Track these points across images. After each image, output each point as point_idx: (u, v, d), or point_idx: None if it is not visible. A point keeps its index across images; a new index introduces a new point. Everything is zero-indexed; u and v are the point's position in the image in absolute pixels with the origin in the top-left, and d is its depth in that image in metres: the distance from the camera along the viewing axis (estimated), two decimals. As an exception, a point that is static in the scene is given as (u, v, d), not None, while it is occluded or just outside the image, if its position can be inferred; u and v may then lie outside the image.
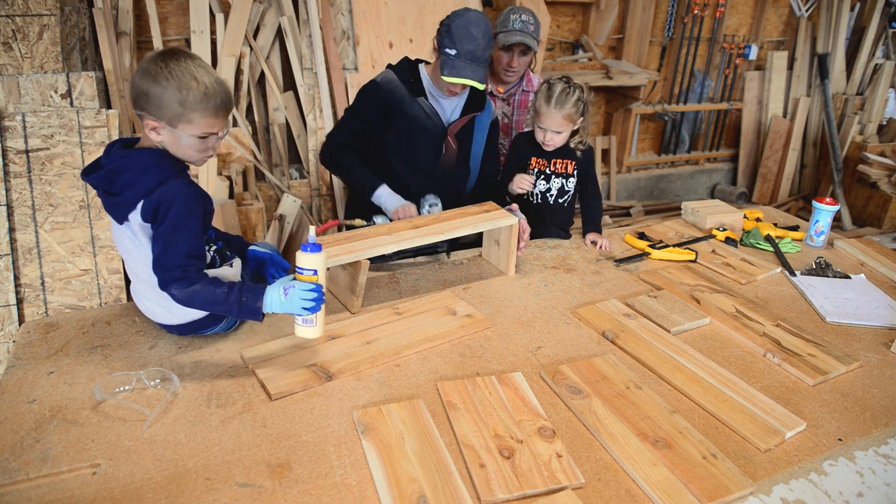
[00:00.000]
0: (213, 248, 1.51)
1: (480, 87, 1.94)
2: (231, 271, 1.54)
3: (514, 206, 2.04)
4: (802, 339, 1.61)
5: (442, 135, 2.12)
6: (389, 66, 2.13)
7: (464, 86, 2.00)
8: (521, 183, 2.11)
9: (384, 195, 2.02)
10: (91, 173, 1.38)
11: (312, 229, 1.36)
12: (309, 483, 1.12)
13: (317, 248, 1.35)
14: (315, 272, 1.36)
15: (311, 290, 1.34)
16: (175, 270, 1.34)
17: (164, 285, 1.36)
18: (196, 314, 1.48)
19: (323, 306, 1.37)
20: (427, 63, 2.15)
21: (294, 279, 1.38)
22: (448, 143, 2.14)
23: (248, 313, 1.37)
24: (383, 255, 1.93)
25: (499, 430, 1.24)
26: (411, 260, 2.04)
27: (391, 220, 1.97)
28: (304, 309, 1.33)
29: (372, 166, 2.10)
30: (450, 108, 2.14)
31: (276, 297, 1.35)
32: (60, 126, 2.60)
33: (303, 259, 1.36)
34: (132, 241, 1.40)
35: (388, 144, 2.11)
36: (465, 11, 1.93)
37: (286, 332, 1.55)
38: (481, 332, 1.62)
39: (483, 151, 2.26)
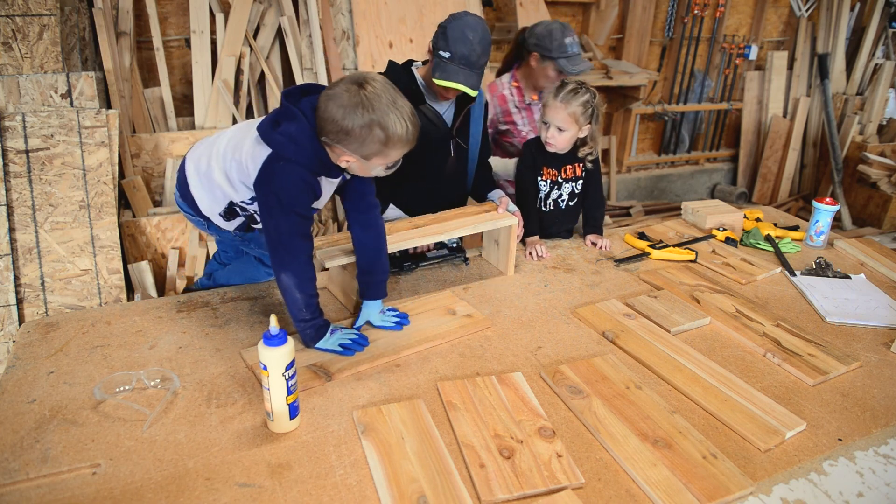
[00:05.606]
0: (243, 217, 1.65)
1: (473, 93, 1.89)
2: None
3: (505, 198, 1.97)
4: (802, 339, 1.61)
5: (447, 138, 2.06)
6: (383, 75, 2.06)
7: (455, 91, 1.93)
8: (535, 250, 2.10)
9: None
10: (289, 97, 1.43)
11: (273, 318, 1.20)
12: (309, 483, 1.12)
13: (276, 340, 1.18)
14: (265, 367, 1.18)
15: (354, 334, 1.52)
16: (286, 242, 1.42)
17: (277, 255, 1.42)
18: (211, 204, 1.61)
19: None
20: (421, 64, 2.06)
21: (343, 328, 1.54)
22: (454, 145, 2.09)
23: (305, 336, 1.49)
24: (402, 266, 1.93)
25: (499, 430, 1.24)
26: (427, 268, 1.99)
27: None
28: (341, 345, 1.48)
29: (380, 183, 1.99)
30: (446, 106, 2.07)
31: (326, 337, 1.50)
32: (60, 126, 2.60)
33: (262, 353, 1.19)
34: (240, 139, 1.49)
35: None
36: (464, 15, 1.88)
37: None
38: (481, 332, 1.62)
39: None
